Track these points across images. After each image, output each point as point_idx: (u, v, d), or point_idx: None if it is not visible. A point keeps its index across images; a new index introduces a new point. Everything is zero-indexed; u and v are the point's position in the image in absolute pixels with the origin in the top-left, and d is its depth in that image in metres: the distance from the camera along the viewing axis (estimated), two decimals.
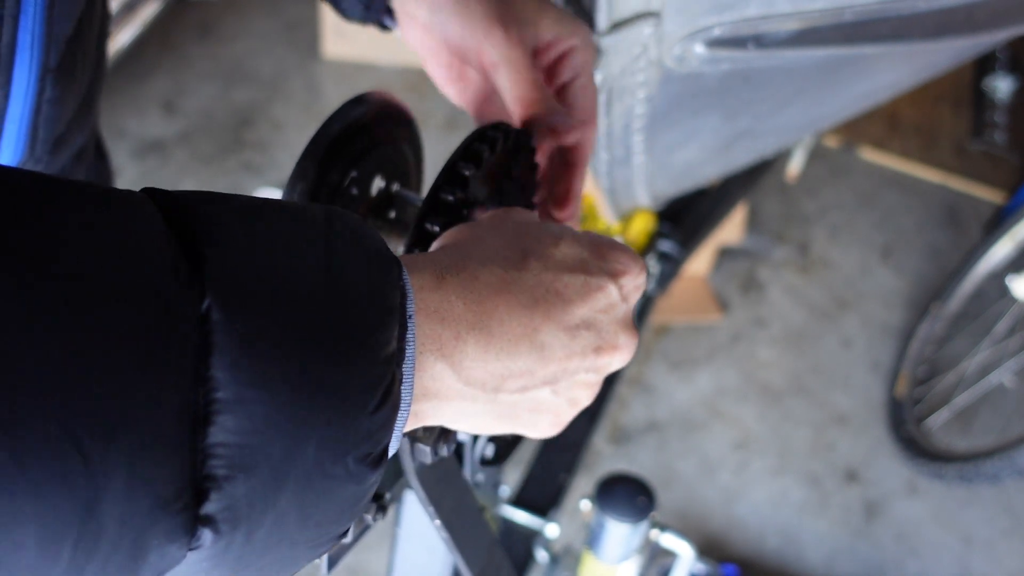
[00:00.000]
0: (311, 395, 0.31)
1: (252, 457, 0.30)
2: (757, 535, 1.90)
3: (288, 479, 0.31)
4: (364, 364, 0.33)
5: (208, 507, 0.30)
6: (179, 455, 0.28)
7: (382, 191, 0.58)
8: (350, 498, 0.34)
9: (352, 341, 0.32)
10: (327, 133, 0.53)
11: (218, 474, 0.29)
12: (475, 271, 0.39)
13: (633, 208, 1.27)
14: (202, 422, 0.29)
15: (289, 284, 0.31)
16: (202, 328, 0.29)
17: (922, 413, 2.08)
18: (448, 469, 0.55)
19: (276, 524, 0.32)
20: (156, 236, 0.29)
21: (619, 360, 0.44)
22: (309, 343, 0.31)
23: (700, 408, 2.12)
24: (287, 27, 3.01)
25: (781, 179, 2.73)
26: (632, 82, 0.87)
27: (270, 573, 0.34)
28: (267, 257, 0.32)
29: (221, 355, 0.29)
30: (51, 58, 0.49)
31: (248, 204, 0.33)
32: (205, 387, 0.29)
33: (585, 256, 0.43)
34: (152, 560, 0.29)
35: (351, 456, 0.33)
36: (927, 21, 0.88)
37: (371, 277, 0.34)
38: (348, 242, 0.34)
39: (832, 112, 1.20)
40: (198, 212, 0.31)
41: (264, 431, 0.30)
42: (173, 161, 2.52)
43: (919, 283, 2.48)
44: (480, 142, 0.51)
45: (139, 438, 0.27)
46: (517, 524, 1.06)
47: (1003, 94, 3.06)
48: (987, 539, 1.96)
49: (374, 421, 0.33)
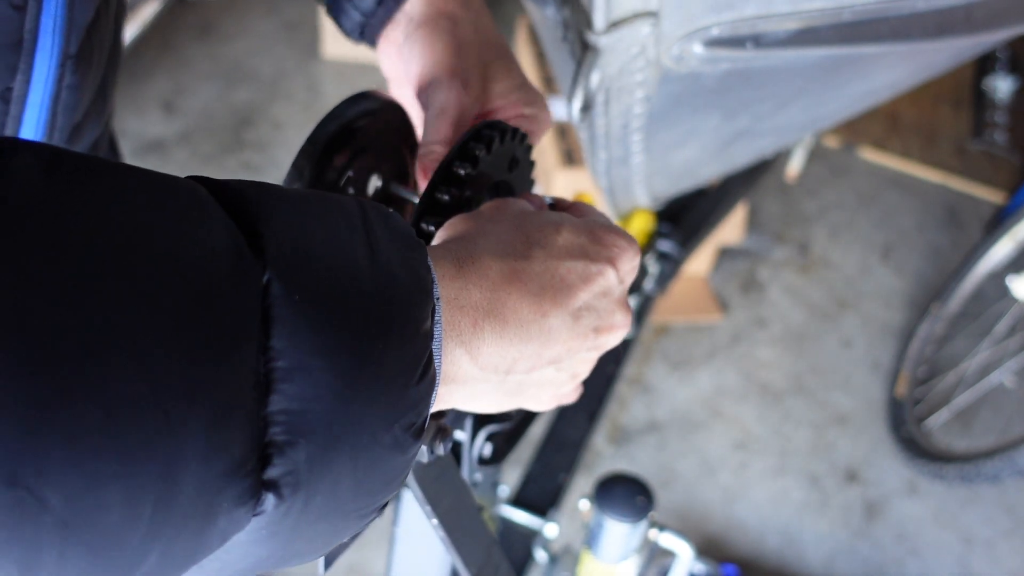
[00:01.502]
0: (364, 364, 0.33)
1: (311, 423, 0.32)
2: (757, 535, 1.90)
3: (343, 445, 0.33)
4: (408, 337, 0.35)
5: (272, 471, 0.31)
6: (250, 421, 0.30)
7: (378, 190, 0.58)
8: (397, 467, 0.36)
9: (397, 316, 0.34)
10: (323, 132, 0.53)
11: (280, 440, 0.31)
12: (488, 261, 0.42)
13: (632, 208, 1.27)
14: (265, 390, 0.31)
15: (339, 262, 0.34)
16: (264, 300, 0.31)
17: (922, 413, 2.08)
18: (446, 468, 0.55)
19: (332, 489, 0.33)
20: (217, 219, 0.31)
21: (616, 337, 0.47)
22: (360, 315, 0.33)
23: (700, 408, 2.12)
24: (287, 27, 3.01)
25: (781, 179, 2.73)
26: (630, 82, 0.87)
27: (318, 544, 0.36)
28: (317, 237, 0.33)
29: (282, 326, 0.31)
30: (71, 44, 0.50)
31: (290, 191, 0.35)
32: (266, 356, 0.31)
33: (584, 242, 0.45)
34: (221, 524, 0.30)
35: (398, 424, 0.35)
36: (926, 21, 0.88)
37: (406, 258, 0.36)
38: (383, 226, 0.36)
39: (832, 112, 1.20)
40: (249, 196, 0.33)
41: (322, 398, 0.32)
42: (173, 161, 2.52)
43: (919, 283, 2.48)
44: (476, 141, 0.51)
45: (216, 403, 0.29)
46: (516, 524, 1.06)
47: (1003, 94, 3.06)
48: (987, 539, 1.95)
49: (418, 392, 0.35)
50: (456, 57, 0.57)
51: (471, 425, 0.63)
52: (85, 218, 0.27)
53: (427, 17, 0.58)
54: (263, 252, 0.32)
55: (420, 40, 0.58)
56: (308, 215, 0.34)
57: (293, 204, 0.34)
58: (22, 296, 0.25)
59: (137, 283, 0.28)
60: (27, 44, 0.47)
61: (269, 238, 0.32)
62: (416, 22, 0.58)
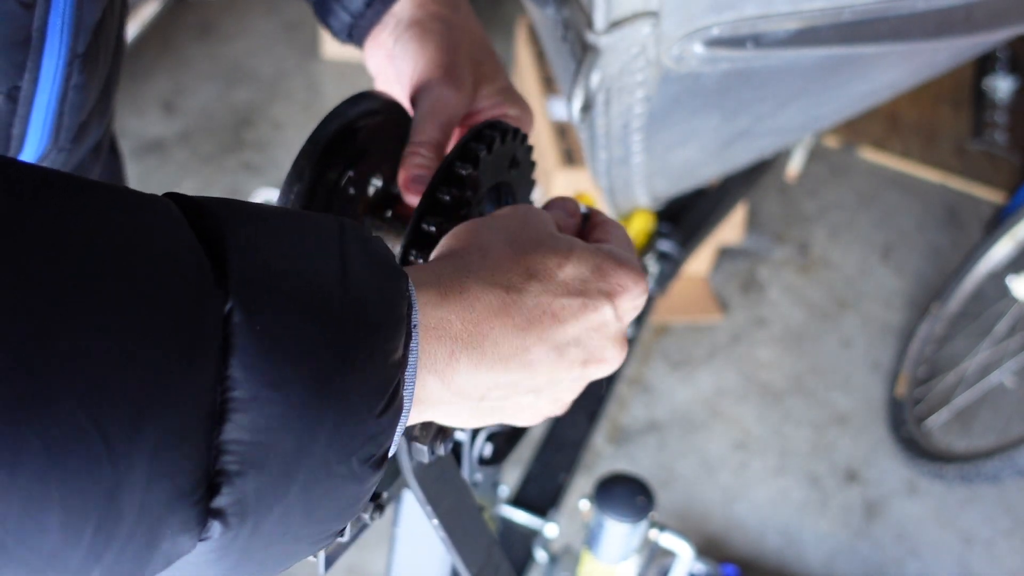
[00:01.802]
0: (323, 397, 0.32)
1: (263, 454, 0.31)
2: (757, 535, 1.90)
3: (296, 476, 0.33)
4: (374, 368, 0.34)
5: (219, 500, 0.31)
6: (198, 450, 0.30)
7: (379, 190, 0.58)
8: (352, 497, 0.36)
9: (363, 347, 0.34)
10: (324, 132, 0.53)
11: (230, 469, 0.31)
12: (477, 292, 0.40)
13: (632, 208, 1.27)
14: (218, 419, 0.30)
15: (307, 289, 0.33)
16: (225, 329, 0.30)
17: (922, 413, 2.08)
18: (446, 468, 0.55)
19: (282, 519, 0.33)
20: (183, 239, 0.31)
21: (605, 370, 0.45)
22: (323, 347, 0.32)
23: (700, 408, 2.12)
24: (287, 27, 3.01)
25: (781, 179, 2.73)
26: (630, 82, 0.87)
27: (270, 566, 0.35)
28: (286, 263, 0.33)
29: (241, 355, 0.30)
30: (79, 44, 0.50)
31: (267, 212, 0.35)
32: (223, 385, 0.30)
33: (587, 276, 0.43)
34: (164, 549, 0.30)
35: (356, 457, 0.34)
36: (926, 21, 0.88)
37: (382, 287, 0.35)
38: (360, 252, 0.36)
39: (832, 112, 1.20)
40: (221, 217, 0.32)
41: (276, 430, 0.31)
42: (173, 161, 2.52)
43: (919, 283, 2.48)
44: (476, 141, 0.51)
45: (163, 431, 0.28)
46: (516, 524, 1.06)
47: (1003, 94, 3.06)
48: (987, 539, 1.95)
49: (379, 424, 0.35)
50: (449, 58, 0.57)
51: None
52: (40, 236, 0.27)
53: (417, 19, 0.58)
54: (227, 278, 0.31)
55: (412, 41, 0.57)
56: (279, 238, 0.33)
57: (264, 226, 0.33)
58: None
59: (88, 305, 0.27)
60: (35, 43, 0.47)
61: (235, 263, 0.31)
62: (405, 23, 0.58)
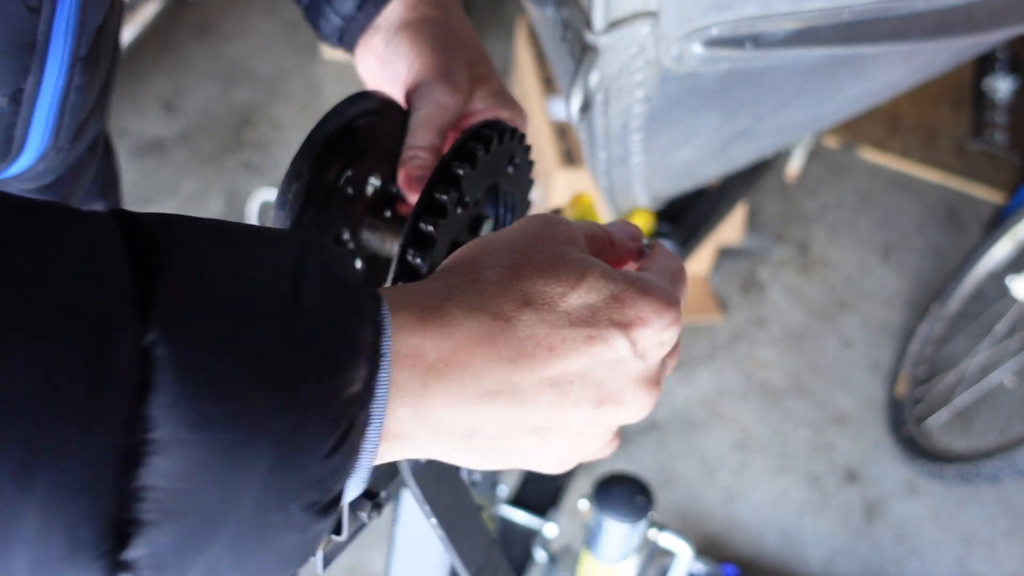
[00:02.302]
0: (254, 439, 0.29)
1: (183, 503, 0.28)
2: (757, 535, 1.90)
3: (222, 527, 0.29)
4: (318, 406, 0.30)
5: (130, 553, 0.28)
6: (102, 498, 0.27)
7: (378, 190, 0.58)
8: (292, 547, 0.32)
9: (309, 382, 0.30)
10: (322, 131, 0.52)
11: (145, 519, 0.28)
12: (459, 318, 0.36)
13: (632, 208, 1.27)
14: (132, 463, 0.27)
15: (247, 318, 0.29)
16: (143, 363, 0.27)
17: (922, 413, 2.08)
18: (445, 467, 0.55)
19: (209, 572, 0.30)
20: (109, 263, 0.28)
21: (627, 416, 0.39)
22: (259, 384, 0.29)
23: (700, 408, 2.12)
24: (287, 27, 3.01)
25: (781, 179, 2.73)
26: (630, 82, 0.87)
27: None
28: (227, 287, 0.30)
29: (161, 394, 0.27)
30: (82, 46, 0.50)
31: (217, 231, 0.31)
32: (139, 426, 0.27)
33: (598, 305, 0.37)
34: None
35: (295, 504, 0.31)
36: (926, 21, 0.88)
37: (340, 315, 0.32)
38: (319, 275, 0.32)
39: (831, 112, 1.20)
40: (158, 238, 0.29)
41: (199, 476, 0.28)
42: (173, 161, 2.52)
43: (919, 283, 2.48)
44: (474, 141, 0.51)
45: (58, 480, 0.25)
46: (516, 524, 1.06)
47: (1003, 94, 3.06)
48: (987, 539, 1.95)
49: (325, 467, 0.31)
50: (444, 60, 0.57)
51: None
52: None
53: (408, 21, 0.58)
54: (151, 307, 0.28)
55: (405, 43, 0.57)
56: (224, 260, 0.30)
57: (210, 247, 0.30)
58: None
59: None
60: (40, 46, 0.47)
61: (163, 290, 0.28)
62: (396, 27, 0.58)
